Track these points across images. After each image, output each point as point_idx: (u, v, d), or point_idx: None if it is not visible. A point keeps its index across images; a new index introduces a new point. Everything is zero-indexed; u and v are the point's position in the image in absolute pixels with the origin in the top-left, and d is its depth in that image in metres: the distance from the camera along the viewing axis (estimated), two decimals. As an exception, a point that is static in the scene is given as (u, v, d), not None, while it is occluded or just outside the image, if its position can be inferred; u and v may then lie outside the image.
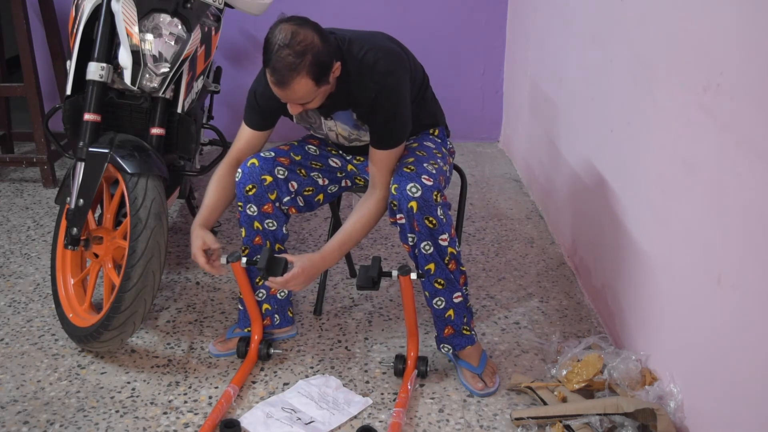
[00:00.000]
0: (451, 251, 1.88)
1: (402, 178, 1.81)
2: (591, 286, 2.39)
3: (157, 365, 2.07)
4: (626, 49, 2.06)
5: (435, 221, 1.81)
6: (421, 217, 1.80)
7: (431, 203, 1.79)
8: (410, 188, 1.78)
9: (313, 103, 1.77)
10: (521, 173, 3.47)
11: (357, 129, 1.95)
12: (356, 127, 1.95)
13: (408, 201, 1.78)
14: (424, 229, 1.81)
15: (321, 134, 2.04)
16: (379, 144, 1.87)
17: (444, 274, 1.89)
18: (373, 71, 1.80)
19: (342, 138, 1.99)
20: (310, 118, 2.00)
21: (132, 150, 1.99)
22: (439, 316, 1.96)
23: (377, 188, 1.89)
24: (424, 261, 1.87)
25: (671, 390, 1.74)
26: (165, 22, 2.08)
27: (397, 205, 1.81)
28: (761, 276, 1.38)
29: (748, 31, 1.42)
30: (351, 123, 1.94)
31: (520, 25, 3.47)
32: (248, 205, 1.94)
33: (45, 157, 3.25)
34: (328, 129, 1.99)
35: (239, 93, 3.81)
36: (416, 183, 1.79)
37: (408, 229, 1.83)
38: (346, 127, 1.95)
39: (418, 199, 1.78)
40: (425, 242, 1.83)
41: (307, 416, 1.85)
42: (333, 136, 2.01)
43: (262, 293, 2.08)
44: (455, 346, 1.98)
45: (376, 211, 1.89)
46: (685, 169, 1.69)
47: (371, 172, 1.91)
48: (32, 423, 1.84)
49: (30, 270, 2.59)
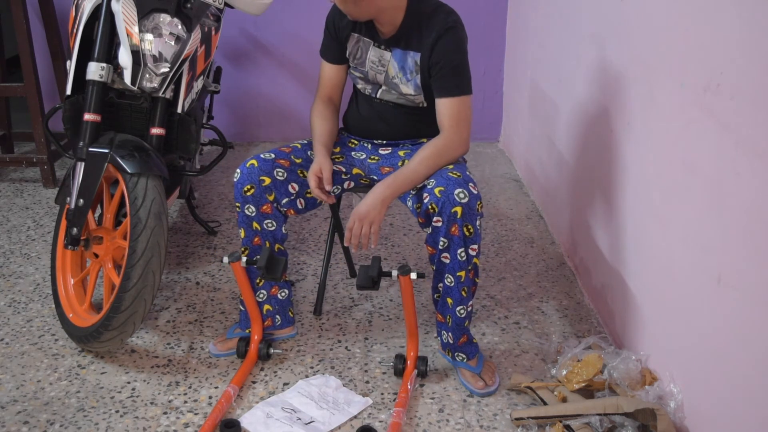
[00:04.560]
0: (475, 262, 1.88)
1: (449, 182, 1.80)
2: (591, 286, 2.39)
3: (157, 365, 2.07)
4: (626, 49, 2.06)
5: (472, 230, 1.81)
6: (463, 223, 1.79)
7: (474, 212, 1.79)
8: (458, 193, 1.78)
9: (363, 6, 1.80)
10: (521, 173, 3.47)
11: (404, 73, 1.94)
12: (404, 70, 1.94)
13: (453, 206, 1.77)
14: (461, 235, 1.81)
15: (360, 72, 2.04)
16: (445, 90, 1.88)
17: (469, 282, 1.89)
18: (445, 15, 1.88)
19: (380, 77, 1.99)
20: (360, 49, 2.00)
21: (132, 150, 1.99)
22: (459, 324, 1.94)
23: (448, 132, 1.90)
24: (458, 267, 1.85)
25: (671, 390, 1.74)
26: (165, 22, 2.07)
27: (438, 209, 1.79)
28: (761, 276, 1.38)
29: (748, 31, 1.42)
30: (403, 64, 1.94)
31: (520, 25, 3.47)
32: (246, 205, 1.94)
33: (45, 157, 3.25)
34: (372, 64, 1.99)
35: (239, 93, 3.83)
36: (464, 189, 1.78)
37: (443, 233, 1.81)
38: (395, 65, 1.95)
39: (464, 205, 1.77)
40: (461, 249, 1.82)
41: (307, 416, 1.85)
42: (372, 75, 2.01)
43: (263, 294, 2.08)
44: (469, 354, 1.98)
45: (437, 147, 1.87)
46: (685, 169, 1.69)
47: (441, 124, 1.91)
48: (32, 423, 1.84)
49: (30, 270, 2.59)
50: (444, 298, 1.93)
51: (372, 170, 2.09)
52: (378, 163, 2.08)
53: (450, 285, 1.89)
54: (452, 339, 1.97)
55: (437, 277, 1.93)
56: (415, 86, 1.96)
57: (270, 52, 3.76)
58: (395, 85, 1.98)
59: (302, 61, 3.77)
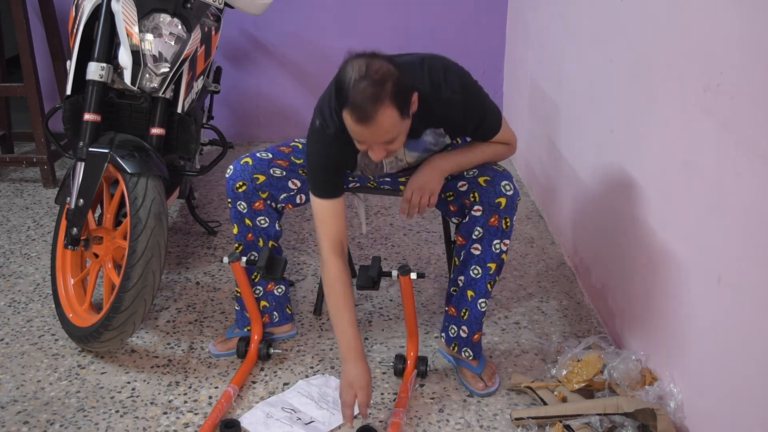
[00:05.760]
0: (504, 258, 1.88)
1: (495, 174, 1.83)
2: (591, 286, 2.39)
3: (157, 365, 2.07)
4: (626, 49, 2.06)
5: (509, 224, 1.82)
6: (503, 215, 1.81)
7: (514, 206, 1.82)
8: (504, 185, 1.80)
9: (397, 142, 1.63)
10: (521, 173, 3.47)
11: (428, 151, 1.91)
12: (427, 149, 1.90)
13: (498, 196, 1.79)
14: (499, 227, 1.82)
15: (374, 173, 1.98)
16: (488, 135, 1.87)
17: (494, 278, 1.90)
18: (448, 84, 1.73)
19: (400, 165, 1.96)
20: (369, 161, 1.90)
21: (132, 150, 1.99)
22: (477, 318, 1.93)
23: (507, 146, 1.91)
24: (489, 259, 1.86)
25: (671, 390, 1.74)
26: (165, 22, 2.08)
27: (480, 198, 1.80)
28: (761, 276, 1.38)
29: (748, 31, 1.42)
30: (424, 146, 1.89)
31: (520, 25, 3.47)
32: (238, 201, 1.93)
33: (45, 157, 3.26)
34: (391, 163, 1.94)
35: (239, 93, 3.83)
36: (510, 182, 1.81)
37: (481, 222, 1.82)
38: (415, 154, 1.91)
39: (508, 198, 1.80)
40: (497, 241, 1.83)
41: (307, 416, 1.85)
42: (388, 168, 1.96)
43: (259, 290, 2.08)
44: (475, 354, 1.98)
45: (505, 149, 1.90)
46: (685, 169, 1.69)
47: None
48: (32, 423, 1.84)
49: (30, 270, 2.59)
50: (464, 290, 1.92)
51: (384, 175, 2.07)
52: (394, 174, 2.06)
53: (476, 277, 1.88)
54: (466, 333, 1.95)
55: (460, 270, 1.91)
56: (441, 144, 1.93)
57: (270, 52, 3.76)
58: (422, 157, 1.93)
59: (302, 61, 3.77)
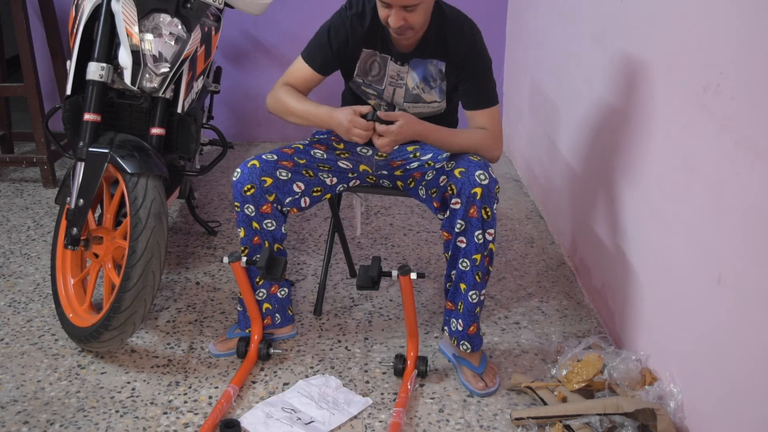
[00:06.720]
0: (491, 248, 1.89)
1: (470, 164, 1.83)
2: (591, 286, 2.39)
3: (157, 365, 2.07)
4: (626, 50, 2.06)
5: (490, 213, 1.83)
6: (481, 205, 1.81)
7: (492, 195, 1.82)
8: (479, 175, 1.80)
9: (417, 14, 1.75)
10: (521, 173, 3.47)
11: (426, 82, 1.94)
12: (426, 79, 1.94)
13: (473, 186, 1.79)
14: (479, 218, 1.82)
15: (375, 89, 2.02)
16: (479, 102, 1.90)
17: (484, 268, 1.90)
18: (468, 23, 1.87)
19: (399, 91, 1.98)
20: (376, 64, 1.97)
21: (132, 150, 1.99)
22: (470, 310, 1.94)
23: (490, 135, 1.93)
24: (473, 250, 1.86)
25: (671, 390, 1.74)
26: (165, 22, 2.07)
27: (457, 190, 1.81)
28: (761, 276, 1.38)
29: (748, 31, 1.42)
30: (425, 74, 1.93)
31: (520, 25, 3.47)
32: (246, 205, 1.94)
33: (45, 157, 3.25)
34: (391, 79, 1.97)
35: (239, 93, 3.83)
36: (485, 171, 1.81)
37: (460, 215, 1.83)
38: (416, 77, 1.95)
39: (483, 187, 1.80)
40: (478, 232, 1.84)
41: (307, 416, 1.85)
42: (389, 92, 2.00)
43: (262, 293, 2.08)
44: (474, 346, 1.98)
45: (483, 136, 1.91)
46: (685, 169, 1.69)
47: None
48: (32, 423, 1.84)
49: (30, 270, 2.59)
50: (457, 284, 1.93)
51: (380, 166, 2.08)
52: (387, 159, 2.08)
53: (464, 269, 1.89)
54: (462, 326, 1.96)
55: (451, 264, 1.93)
56: (440, 92, 1.97)
57: (270, 52, 3.76)
58: (416, 96, 1.98)
59: (302, 61, 3.77)
